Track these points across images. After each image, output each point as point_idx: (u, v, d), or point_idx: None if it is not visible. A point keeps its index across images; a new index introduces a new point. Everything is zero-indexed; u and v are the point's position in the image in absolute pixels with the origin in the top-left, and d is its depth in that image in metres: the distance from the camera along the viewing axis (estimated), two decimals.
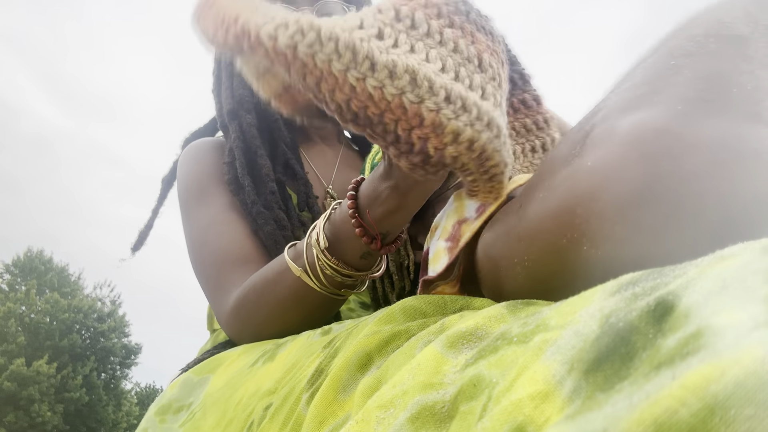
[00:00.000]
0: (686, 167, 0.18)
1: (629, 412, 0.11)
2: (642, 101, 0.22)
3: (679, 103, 0.20)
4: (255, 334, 0.53)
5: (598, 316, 0.15)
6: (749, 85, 0.20)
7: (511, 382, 0.16)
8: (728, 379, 0.10)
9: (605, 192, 0.20)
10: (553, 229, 0.22)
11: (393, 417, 0.19)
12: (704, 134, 0.19)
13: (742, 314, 0.11)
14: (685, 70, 0.22)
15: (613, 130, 0.21)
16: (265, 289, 0.51)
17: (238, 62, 0.61)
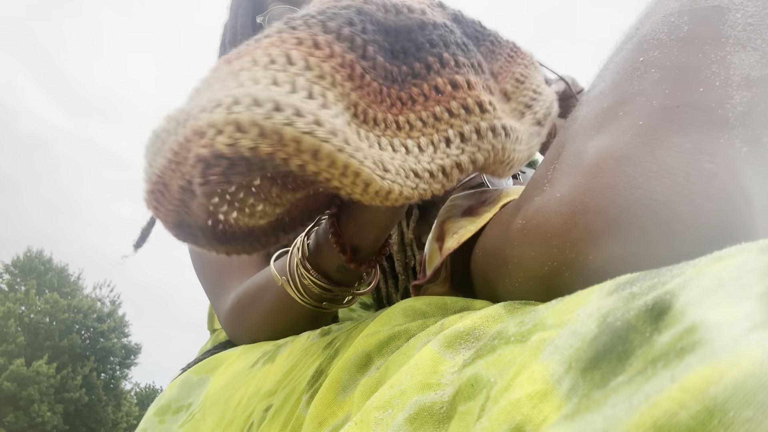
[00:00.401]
0: (647, 196, 0.19)
1: (629, 415, 0.11)
2: (607, 118, 0.22)
3: (642, 117, 0.21)
4: (249, 337, 0.53)
5: (595, 316, 0.15)
6: (717, 80, 0.20)
7: (509, 381, 0.16)
8: (727, 382, 0.10)
9: (575, 225, 0.20)
10: (535, 257, 0.23)
11: (391, 417, 0.19)
12: (663, 159, 0.19)
13: (736, 310, 0.11)
14: (652, 69, 0.22)
15: (578, 157, 0.22)
16: (255, 294, 0.51)
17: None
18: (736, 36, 0.21)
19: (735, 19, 0.22)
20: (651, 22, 0.24)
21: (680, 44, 0.22)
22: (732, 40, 0.21)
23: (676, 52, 0.22)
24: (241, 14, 0.69)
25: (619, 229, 0.19)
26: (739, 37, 0.21)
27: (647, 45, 0.23)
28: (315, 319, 0.49)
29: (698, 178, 0.18)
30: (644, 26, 0.25)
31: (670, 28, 0.23)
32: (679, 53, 0.22)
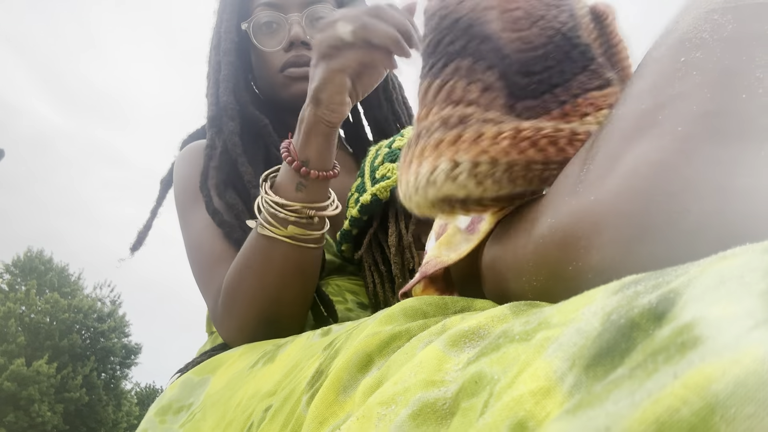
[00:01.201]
0: (681, 204, 0.19)
1: (631, 410, 0.11)
2: (645, 121, 0.22)
3: (681, 123, 0.20)
4: (240, 321, 0.54)
5: (600, 314, 0.15)
6: (761, 86, 0.20)
7: (513, 378, 0.16)
8: (729, 379, 0.10)
9: (606, 228, 0.21)
10: (560, 256, 0.23)
11: (394, 413, 0.19)
12: (700, 167, 0.19)
13: (737, 307, 0.11)
14: (693, 71, 0.22)
15: (614, 160, 0.22)
16: (240, 267, 0.54)
17: (224, 68, 0.64)
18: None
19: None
20: (693, 17, 0.23)
21: (723, 45, 0.21)
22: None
23: (719, 54, 0.21)
24: (225, 19, 0.69)
25: (650, 235, 0.19)
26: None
27: (689, 44, 0.23)
28: (301, 265, 0.53)
29: (733, 192, 0.18)
30: (685, 21, 0.24)
31: (713, 26, 0.22)
32: (722, 55, 0.21)
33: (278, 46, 0.68)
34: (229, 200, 0.62)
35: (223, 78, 0.67)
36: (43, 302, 14.19)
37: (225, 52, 0.68)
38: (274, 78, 0.70)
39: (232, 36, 0.69)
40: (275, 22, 0.68)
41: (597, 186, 0.22)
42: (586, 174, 0.23)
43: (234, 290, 0.54)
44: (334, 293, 0.64)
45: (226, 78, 0.67)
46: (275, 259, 0.52)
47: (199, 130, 0.77)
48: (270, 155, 0.69)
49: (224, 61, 0.68)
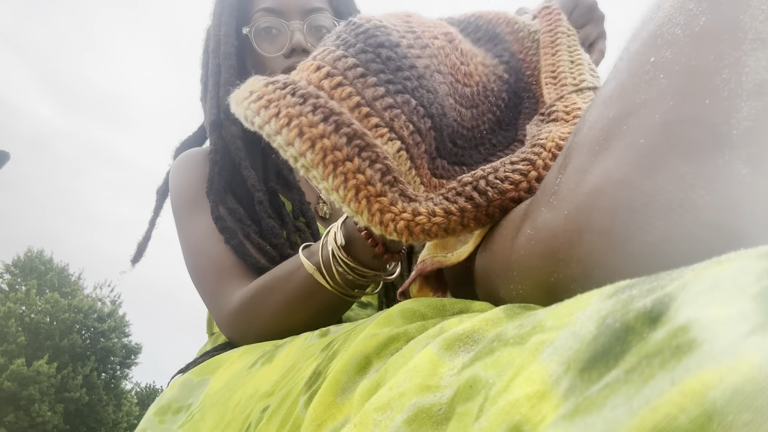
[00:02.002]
0: (644, 219, 0.20)
1: (629, 418, 0.11)
2: (612, 132, 0.22)
3: (644, 134, 0.21)
4: (260, 333, 0.54)
5: (595, 318, 0.15)
6: (726, 88, 0.20)
7: (508, 382, 0.16)
8: (726, 386, 0.10)
9: (581, 242, 0.21)
10: (541, 267, 0.24)
11: (390, 419, 0.19)
12: (660, 183, 0.20)
13: (731, 310, 0.11)
14: (661, 74, 0.22)
15: (583, 174, 0.23)
16: (275, 286, 0.52)
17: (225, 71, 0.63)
18: (756, 29, 0.20)
19: (758, 4, 0.21)
20: (669, 5, 0.23)
21: (694, 42, 0.21)
22: (751, 34, 0.20)
23: (688, 52, 0.21)
24: (224, 22, 0.69)
25: (621, 249, 0.20)
26: (760, 29, 0.20)
27: (661, 41, 0.22)
28: (336, 310, 0.52)
29: (691, 205, 0.19)
30: (662, 9, 0.24)
31: (686, 18, 0.22)
32: (691, 54, 0.21)
33: (279, 51, 0.68)
34: (230, 205, 0.62)
35: (224, 82, 0.67)
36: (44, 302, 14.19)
37: (225, 56, 0.68)
38: None
39: (232, 40, 0.68)
40: (276, 28, 0.69)
41: (568, 201, 0.23)
42: (560, 185, 0.24)
43: (261, 306, 0.53)
44: None
45: (227, 82, 0.67)
46: (315, 300, 0.51)
47: (191, 137, 0.77)
48: (268, 160, 0.69)
49: (225, 65, 0.67)
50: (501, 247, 0.29)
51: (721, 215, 0.18)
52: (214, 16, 0.71)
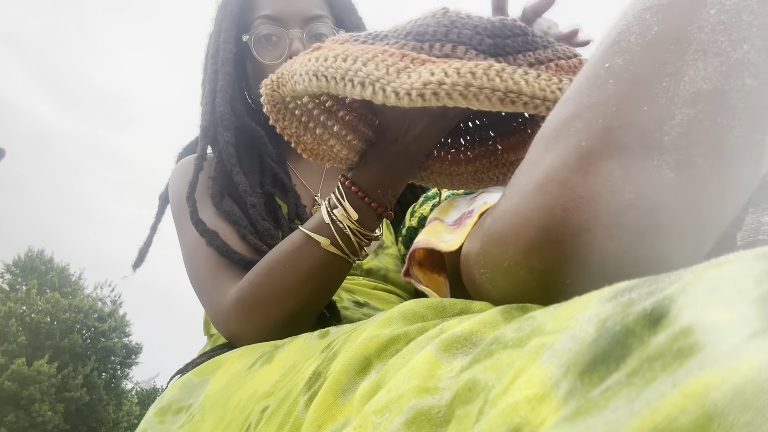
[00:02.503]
0: (575, 220, 0.21)
1: (630, 419, 0.11)
2: (560, 132, 0.24)
3: (586, 137, 0.22)
4: (262, 319, 0.54)
5: (594, 321, 0.15)
6: (664, 96, 0.21)
7: (507, 385, 0.16)
8: (727, 387, 0.10)
9: (524, 235, 0.23)
10: (498, 254, 0.25)
11: (389, 421, 0.19)
12: (592, 185, 0.21)
13: (732, 313, 0.11)
14: (610, 80, 0.23)
15: (531, 171, 0.24)
16: (275, 268, 0.54)
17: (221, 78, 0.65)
18: (701, 39, 0.21)
19: (707, 16, 0.22)
20: (632, 14, 0.24)
21: (643, 50, 0.23)
22: (695, 44, 0.21)
23: (637, 61, 0.23)
24: (224, 29, 0.70)
25: (555, 245, 0.22)
26: (704, 40, 0.21)
27: (617, 48, 0.24)
28: (341, 278, 0.56)
29: (617, 207, 0.20)
30: (626, 17, 0.25)
31: (641, 27, 0.23)
32: (639, 62, 0.23)
33: (278, 59, 0.69)
34: (226, 207, 0.63)
35: (220, 88, 0.68)
36: (44, 302, 14.20)
37: (223, 62, 0.68)
38: None
39: (230, 46, 0.69)
40: (275, 36, 0.69)
41: (518, 194, 0.25)
42: (516, 177, 0.26)
43: (263, 289, 0.54)
44: None
45: (223, 88, 0.67)
46: (326, 271, 0.54)
47: (193, 143, 0.78)
48: (265, 165, 0.70)
49: (222, 71, 0.68)
50: (476, 235, 0.30)
51: (644, 218, 0.20)
52: (215, 22, 0.71)
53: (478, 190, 0.52)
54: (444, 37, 0.39)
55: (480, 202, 0.43)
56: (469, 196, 0.50)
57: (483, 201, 0.42)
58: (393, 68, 0.37)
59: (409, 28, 0.41)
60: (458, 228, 0.39)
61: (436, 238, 0.40)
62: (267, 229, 0.62)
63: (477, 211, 0.39)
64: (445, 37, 0.39)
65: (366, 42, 0.41)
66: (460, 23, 0.40)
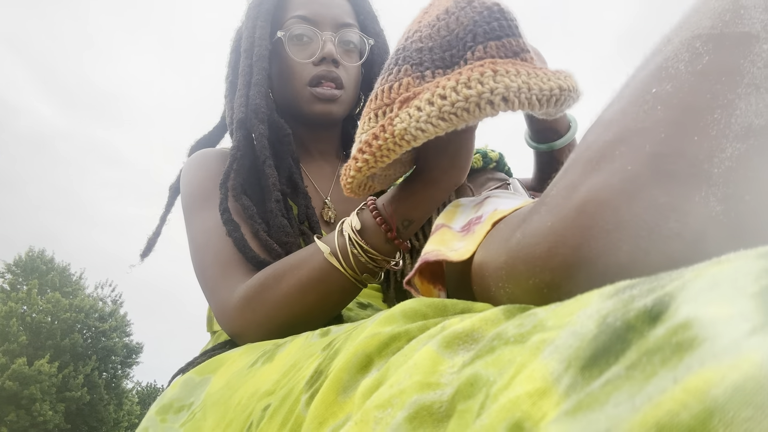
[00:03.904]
0: (614, 244, 0.21)
1: (632, 414, 0.11)
2: (604, 155, 0.24)
3: (633, 162, 0.22)
4: (262, 323, 0.54)
5: (595, 317, 0.15)
6: (715, 128, 0.21)
7: (509, 380, 0.16)
8: (728, 383, 0.10)
9: (557, 255, 0.23)
10: (524, 271, 0.25)
11: (391, 416, 0.19)
12: (636, 211, 0.21)
13: (731, 309, 0.12)
14: (658, 106, 0.23)
15: (571, 191, 0.24)
16: (285, 272, 0.54)
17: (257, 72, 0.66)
18: (753, 74, 0.21)
19: (760, 51, 0.22)
20: (679, 41, 0.24)
21: (694, 79, 0.22)
22: (747, 79, 0.21)
23: (687, 89, 0.22)
24: (260, 26, 0.71)
25: (589, 267, 0.21)
26: (757, 75, 0.21)
27: (664, 74, 0.23)
28: (346, 296, 0.55)
29: (660, 235, 0.20)
30: (672, 44, 0.25)
31: (691, 56, 0.23)
32: (690, 91, 0.22)
33: (309, 58, 0.71)
34: (243, 202, 0.63)
35: (255, 82, 0.69)
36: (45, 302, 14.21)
37: (258, 57, 0.69)
38: (301, 91, 0.71)
39: (266, 43, 0.70)
40: (308, 36, 0.71)
41: (554, 213, 0.24)
42: (552, 197, 0.25)
43: (270, 296, 0.54)
44: None
45: (258, 82, 0.68)
46: (327, 284, 0.53)
47: (207, 136, 0.79)
48: (281, 164, 0.70)
49: (257, 66, 0.69)
50: (496, 247, 0.30)
51: (687, 248, 0.19)
52: (249, 19, 0.73)
53: (482, 194, 0.51)
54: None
55: (489, 208, 0.42)
56: (474, 199, 0.50)
57: (493, 208, 0.41)
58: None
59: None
60: (468, 234, 0.39)
61: (447, 247, 0.40)
62: (283, 226, 0.62)
63: (487, 218, 0.39)
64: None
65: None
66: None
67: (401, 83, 0.43)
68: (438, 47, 0.43)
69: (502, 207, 0.40)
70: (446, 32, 0.43)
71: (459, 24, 0.43)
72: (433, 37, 0.44)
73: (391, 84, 0.44)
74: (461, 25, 0.43)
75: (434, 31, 0.44)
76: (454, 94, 0.37)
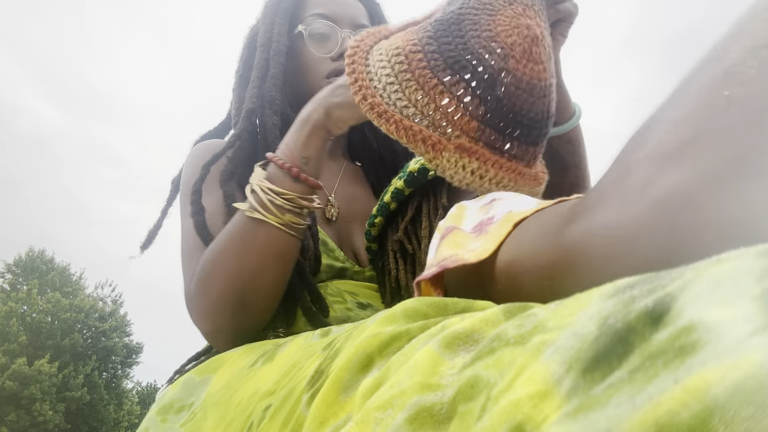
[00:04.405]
0: (697, 233, 0.21)
1: (632, 414, 0.11)
2: (682, 152, 0.23)
3: (714, 160, 0.22)
4: (219, 301, 0.54)
5: (596, 318, 0.15)
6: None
7: (510, 382, 0.16)
8: (728, 382, 0.10)
9: (636, 254, 0.23)
10: (589, 272, 0.25)
11: (391, 417, 0.19)
12: (721, 204, 0.21)
13: (734, 311, 0.12)
14: (733, 108, 0.23)
15: (648, 187, 0.24)
16: (219, 244, 0.55)
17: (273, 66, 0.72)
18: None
19: None
20: (742, 49, 0.25)
21: (766, 83, 0.23)
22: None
23: (760, 92, 0.23)
24: (278, 22, 0.73)
25: (670, 258, 0.21)
26: None
27: (734, 79, 0.24)
28: (280, 246, 0.55)
29: (745, 229, 0.20)
30: (733, 51, 0.25)
31: (761, 63, 0.24)
32: (764, 93, 0.23)
33: (327, 54, 0.73)
34: (228, 191, 0.64)
35: (271, 75, 0.70)
36: (45, 302, 14.21)
37: (276, 53, 0.71)
38: (317, 83, 0.73)
39: (284, 39, 0.72)
40: (327, 32, 0.73)
41: (630, 210, 0.24)
42: (619, 195, 0.25)
43: (212, 269, 0.54)
44: (333, 294, 0.64)
45: (274, 75, 0.70)
46: (259, 242, 0.54)
47: (213, 131, 0.80)
48: None
49: (274, 61, 0.71)
50: (538, 245, 0.30)
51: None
52: (266, 16, 0.75)
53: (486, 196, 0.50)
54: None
55: (500, 209, 0.41)
56: (478, 201, 0.48)
57: (506, 209, 0.40)
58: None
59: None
60: (482, 234, 0.38)
61: (463, 249, 0.39)
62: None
63: (503, 218, 0.38)
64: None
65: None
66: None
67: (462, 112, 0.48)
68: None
69: (517, 208, 0.40)
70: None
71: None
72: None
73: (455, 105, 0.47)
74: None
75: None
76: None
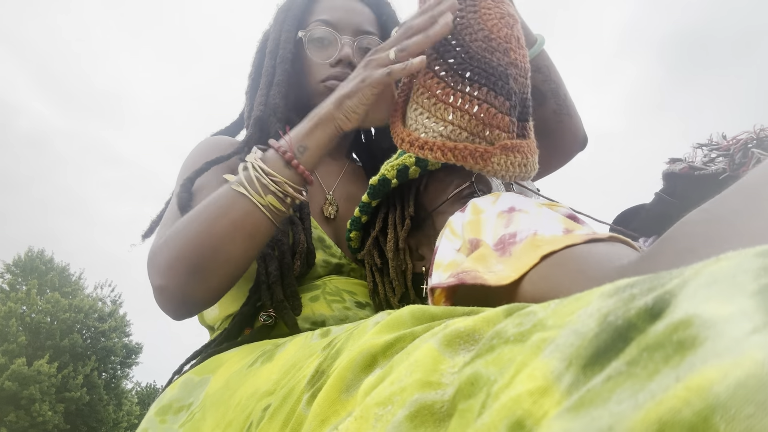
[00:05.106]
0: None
1: (635, 411, 0.11)
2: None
3: None
4: (173, 253, 0.53)
5: (596, 316, 0.15)
6: None
7: (510, 379, 0.16)
8: (730, 381, 0.10)
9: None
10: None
11: (391, 414, 0.19)
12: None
13: (731, 306, 0.12)
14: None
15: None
16: (199, 210, 0.55)
17: (279, 73, 0.74)
18: None
19: None
20: None
21: None
22: None
23: None
24: (285, 30, 0.75)
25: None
26: None
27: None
28: (253, 226, 0.55)
29: None
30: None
31: None
32: None
33: (326, 60, 0.74)
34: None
35: (276, 82, 0.72)
36: (44, 302, 14.21)
37: (282, 60, 0.73)
38: (315, 87, 0.74)
39: (290, 47, 0.74)
40: (328, 39, 0.75)
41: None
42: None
43: (182, 227, 0.55)
44: (332, 293, 0.65)
45: (279, 83, 0.72)
46: (234, 213, 0.54)
47: (227, 128, 0.81)
48: None
49: (280, 68, 0.73)
50: (574, 282, 0.32)
51: None
52: (276, 23, 0.77)
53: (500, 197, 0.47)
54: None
55: (524, 227, 0.40)
56: (492, 205, 0.46)
57: (531, 229, 0.39)
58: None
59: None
60: (504, 256, 0.37)
61: (484, 267, 0.38)
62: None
63: (527, 243, 0.37)
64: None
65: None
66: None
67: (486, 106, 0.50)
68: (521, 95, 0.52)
69: (541, 230, 0.38)
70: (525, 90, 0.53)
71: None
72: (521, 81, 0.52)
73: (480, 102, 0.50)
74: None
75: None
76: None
